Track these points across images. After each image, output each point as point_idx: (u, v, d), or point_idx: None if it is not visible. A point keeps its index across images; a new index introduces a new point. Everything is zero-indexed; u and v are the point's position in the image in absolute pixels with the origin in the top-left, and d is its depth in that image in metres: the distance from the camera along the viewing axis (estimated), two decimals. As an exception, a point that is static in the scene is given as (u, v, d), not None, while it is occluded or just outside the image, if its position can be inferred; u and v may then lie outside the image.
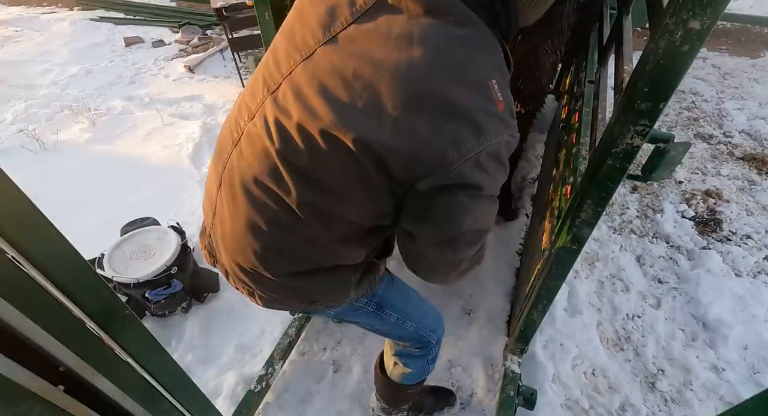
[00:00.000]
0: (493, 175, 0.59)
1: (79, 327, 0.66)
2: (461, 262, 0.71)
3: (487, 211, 0.66)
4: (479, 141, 0.54)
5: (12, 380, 0.52)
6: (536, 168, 2.26)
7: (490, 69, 0.57)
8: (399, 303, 0.95)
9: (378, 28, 0.57)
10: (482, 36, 0.58)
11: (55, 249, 0.60)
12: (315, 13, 0.63)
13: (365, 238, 0.71)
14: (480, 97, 0.55)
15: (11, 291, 0.55)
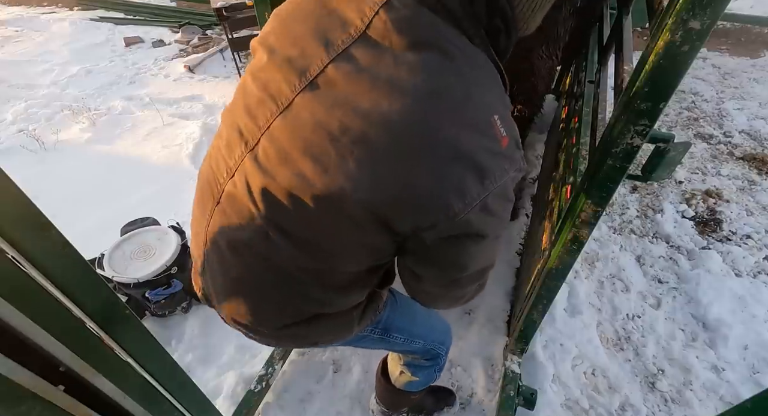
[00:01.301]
0: (500, 215, 0.56)
1: (79, 327, 0.66)
2: (465, 295, 0.70)
3: (494, 250, 0.63)
4: (484, 186, 0.50)
5: (12, 380, 0.52)
6: (536, 168, 2.26)
7: (490, 103, 0.52)
8: (405, 324, 0.92)
9: (362, 70, 0.51)
10: (478, 64, 0.54)
11: (55, 249, 0.60)
12: (291, 43, 0.57)
13: (365, 280, 0.67)
14: (482, 137, 0.50)
15: (11, 291, 0.55)
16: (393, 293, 0.92)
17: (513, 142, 0.53)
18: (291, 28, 0.59)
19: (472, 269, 0.62)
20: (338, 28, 0.54)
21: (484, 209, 0.52)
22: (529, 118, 1.61)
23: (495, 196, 0.52)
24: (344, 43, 0.53)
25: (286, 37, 0.58)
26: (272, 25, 0.62)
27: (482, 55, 0.54)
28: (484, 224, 0.54)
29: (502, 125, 0.51)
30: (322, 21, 0.56)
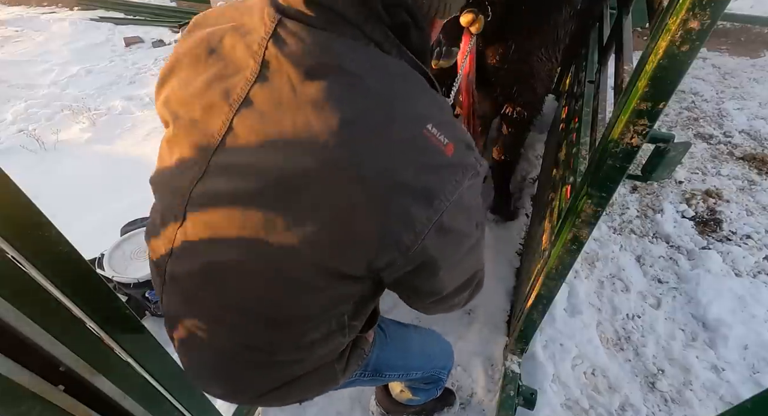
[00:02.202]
0: (464, 230, 0.51)
1: (79, 327, 0.66)
2: (460, 303, 0.66)
3: (471, 261, 0.58)
4: (434, 207, 0.45)
5: (12, 380, 0.52)
6: (536, 168, 2.26)
7: (418, 114, 0.46)
8: (398, 360, 0.88)
9: (266, 119, 0.46)
10: (392, 74, 0.47)
11: (55, 249, 0.60)
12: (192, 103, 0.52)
13: (344, 329, 0.62)
14: (419, 155, 0.45)
15: (11, 291, 0.55)
16: (382, 327, 0.86)
17: (461, 144, 0.47)
18: (189, 83, 0.53)
19: (452, 287, 0.59)
20: (234, 73, 0.49)
21: (440, 231, 0.47)
22: (528, 120, 1.61)
23: (451, 213, 0.47)
24: (243, 90, 0.48)
25: (187, 97, 0.53)
26: (171, 84, 0.56)
27: (395, 60, 0.48)
28: (446, 246, 0.50)
29: (441, 132, 0.46)
30: (218, 68, 0.51)
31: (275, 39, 0.46)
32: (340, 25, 0.46)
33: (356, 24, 0.46)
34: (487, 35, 1.21)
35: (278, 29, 0.46)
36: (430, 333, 1.02)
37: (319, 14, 0.45)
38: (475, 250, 0.56)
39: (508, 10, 1.21)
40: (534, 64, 1.38)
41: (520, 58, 1.34)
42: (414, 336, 0.94)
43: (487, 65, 1.38)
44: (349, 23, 0.46)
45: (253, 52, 0.48)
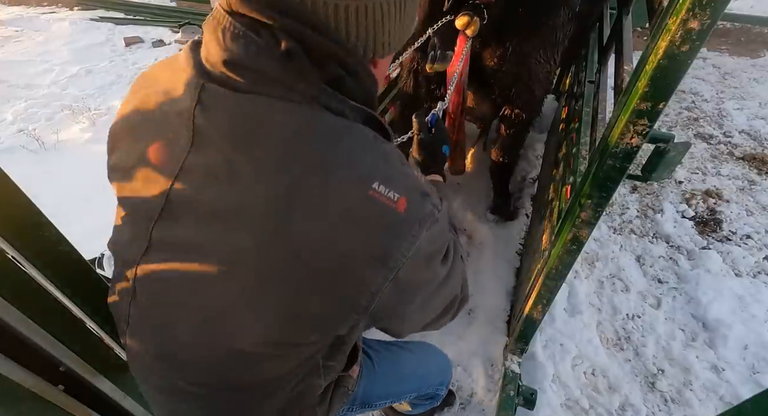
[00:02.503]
0: (425, 277, 0.49)
1: (79, 327, 0.66)
2: (445, 322, 0.63)
3: (448, 290, 0.55)
4: (389, 267, 0.43)
5: (12, 380, 0.52)
6: (536, 168, 2.26)
7: (361, 176, 0.42)
8: (390, 387, 0.85)
9: (201, 194, 0.44)
10: (329, 132, 0.43)
11: (55, 249, 0.60)
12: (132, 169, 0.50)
13: (320, 368, 0.59)
14: (367, 220, 0.42)
15: (11, 291, 0.55)
16: (369, 355, 0.83)
17: (414, 195, 0.44)
18: (129, 152, 0.51)
19: (427, 320, 0.56)
20: (170, 142, 0.47)
21: (398, 286, 0.45)
22: (527, 122, 1.61)
23: (409, 267, 0.44)
24: (179, 161, 0.45)
25: (128, 167, 0.51)
26: (116, 152, 0.54)
27: (331, 117, 0.44)
28: (407, 295, 0.48)
29: (390, 187, 0.42)
30: (154, 137, 0.49)
31: (201, 107, 0.44)
32: (267, 85, 0.42)
33: (285, 83, 0.42)
34: (485, 37, 1.21)
35: (202, 96, 0.43)
36: (425, 349, 0.99)
37: (243, 76, 0.42)
38: (447, 284, 0.54)
39: (506, 12, 1.20)
40: (532, 66, 1.38)
41: (517, 60, 1.34)
42: (406, 357, 0.91)
43: (485, 67, 1.38)
44: (276, 82, 0.42)
45: (185, 120, 0.45)
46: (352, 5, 0.43)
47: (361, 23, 0.44)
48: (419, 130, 0.86)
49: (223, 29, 0.42)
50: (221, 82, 0.43)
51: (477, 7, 1.13)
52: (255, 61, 0.42)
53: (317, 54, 0.43)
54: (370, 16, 0.44)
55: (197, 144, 0.45)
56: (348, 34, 0.44)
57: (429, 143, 0.84)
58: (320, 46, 0.42)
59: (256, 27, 0.42)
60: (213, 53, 0.44)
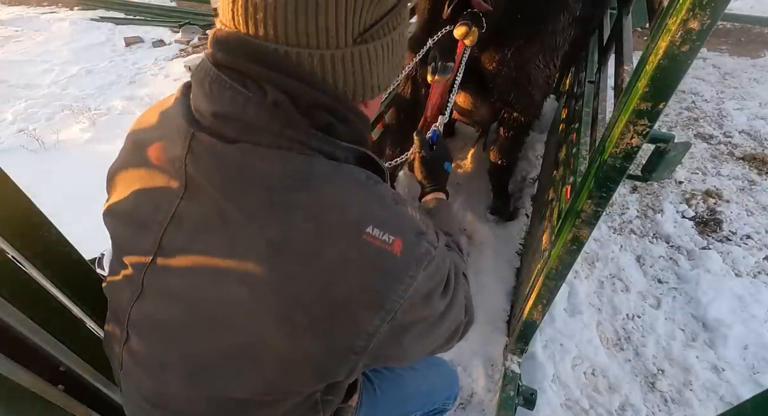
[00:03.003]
0: (424, 314, 0.47)
1: (79, 328, 0.66)
2: (453, 345, 0.61)
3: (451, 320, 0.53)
4: (386, 309, 0.42)
5: (12, 380, 0.52)
6: (536, 168, 2.26)
7: (354, 221, 0.42)
8: (392, 409, 0.83)
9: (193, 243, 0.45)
10: (320, 179, 0.43)
11: (55, 249, 0.60)
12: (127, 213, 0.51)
13: (318, 404, 0.57)
14: (361, 265, 0.41)
15: (11, 291, 0.55)
16: (370, 378, 0.81)
17: (409, 235, 0.44)
18: (125, 195, 0.52)
19: (430, 350, 0.55)
20: (163, 189, 0.47)
21: (396, 326, 0.44)
22: (526, 125, 1.61)
23: (406, 308, 0.44)
24: (171, 208, 0.46)
25: (123, 211, 0.52)
26: (113, 195, 0.55)
27: (322, 161, 0.43)
28: (406, 334, 0.47)
29: (384, 230, 0.42)
30: (148, 182, 0.49)
31: (192, 156, 0.44)
32: (256, 134, 0.42)
33: (273, 131, 0.42)
34: (484, 42, 1.20)
35: (192, 145, 0.44)
36: (427, 364, 0.96)
37: (231, 127, 0.42)
38: (448, 315, 0.52)
39: (505, 18, 1.20)
40: (531, 71, 1.38)
41: (517, 65, 1.34)
42: (408, 376, 0.88)
43: (484, 71, 1.38)
44: (265, 131, 0.42)
45: (177, 168, 0.45)
46: (338, 55, 0.42)
47: (348, 71, 0.44)
48: (421, 148, 0.85)
49: (211, 81, 0.43)
50: (210, 132, 0.43)
51: (475, 15, 1.12)
52: (243, 112, 0.42)
53: (304, 103, 0.42)
54: (357, 63, 0.44)
55: (189, 191, 0.45)
56: (335, 83, 0.44)
57: (431, 160, 0.84)
58: (307, 97, 0.42)
59: (243, 79, 0.42)
60: (202, 104, 0.44)
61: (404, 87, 1.64)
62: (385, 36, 0.45)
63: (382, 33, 0.45)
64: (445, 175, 0.85)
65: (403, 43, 0.49)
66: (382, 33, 0.45)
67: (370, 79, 0.46)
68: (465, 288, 0.61)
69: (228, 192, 0.42)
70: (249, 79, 0.41)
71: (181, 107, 0.46)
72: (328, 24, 0.40)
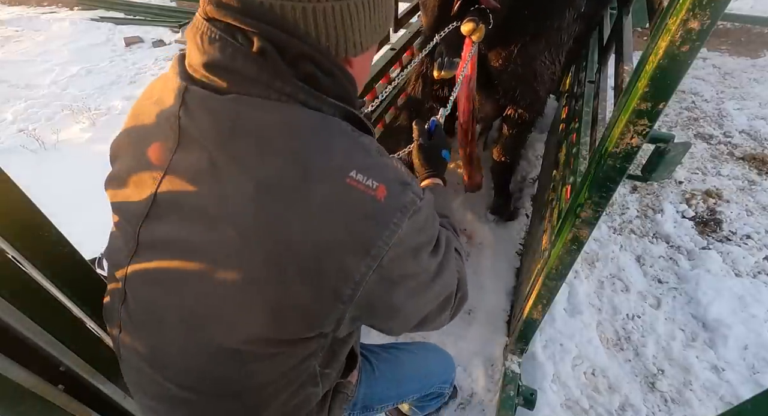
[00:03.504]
0: (412, 269, 0.48)
1: (79, 327, 0.66)
2: (445, 320, 0.62)
3: (441, 285, 0.54)
4: (372, 255, 0.43)
5: (12, 380, 0.52)
6: (536, 168, 2.26)
7: (338, 165, 0.43)
8: (391, 390, 0.85)
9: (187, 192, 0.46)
10: (306, 126, 0.45)
11: (55, 249, 0.60)
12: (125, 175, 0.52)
13: (316, 376, 0.57)
14: (345, 208, 0.42)
15: (11, 291, 0.55)
16: (369, 359, 0.83)
17: (394, 184, 0.45)
18: (124, 161, 0.54)
19: (420, 317, 0.55)
20: (159, 146, 0.49)
21: (383, 276, 0.45)
22: (530, 122, 1.61)
23: (392, 256, 0.45)
24: (165, 161, 0.47)
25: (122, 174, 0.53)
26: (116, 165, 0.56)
27: (308, 112, 0.46)
28: (394, 288, 0.47)
29: (368, 175, 0.43)
30: (145, 144, 0.51)
31: (185, 109, 0.46)
32: (246, 84, 0.44)
33: (263, 82, 0.44)
34: (491, 38, 1.21)
35: (186, 98, 0.46)
36: (425, 349, 0.98)
37: (222, 78, 0.44)
38: (439, 278, 0.53)
39: (511, 15, 1.20)
40: (537, 68, 1.38)
41: (523, 62, 1.34)
42: (406, 358, 0.90)
43: (490, 67, 1.38)
44: (254, 81, 0.44)
45: (171, 123, 0.47)
46: (319, 7, 0.44)
47: (330, 24, 0.45)
48: (419, 136, 0.88)
49: (201, 34, 0.44)
50: (203, 85, 0.45)
51: (482, 12, 1.13)
52: (232, 62, 0.43)
53: (290, 53, 0.44)
54: (338, 18, 0.45)
55: (182, 144, 0.47)
56: (318, 36, 0.45)
57: (428, 148, 0.87)
58: (292, 46, 0.44)
59: (231, 31, 0.44)
60: (194, 58, 0.46)
61: (414, 85, 1.64)
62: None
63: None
64: (443, 163, 0.87)
65: (386, 4, 0.51)
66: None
67: (351, 34, 0.48)
68: (458, 263, 0.62)
69: (219, 141, 0.44)
70: (237, 30, 0.43)
71: (177, 68, 0.48)
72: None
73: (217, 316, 0.47)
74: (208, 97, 0.45)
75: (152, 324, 0.52)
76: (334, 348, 0.58)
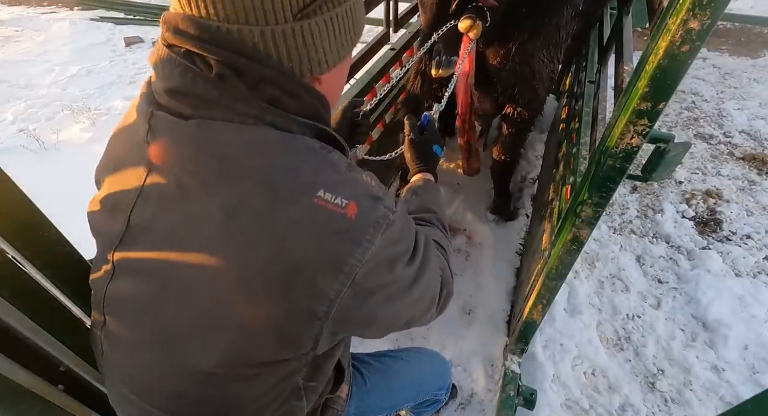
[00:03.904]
0: (388, 280, 0.47)
1: (79, 328, 0.66)
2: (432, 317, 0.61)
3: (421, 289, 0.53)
4: (345, 273, 0.43)
5: (12, 380, 0.52)
6: (536, 168, 2.26)
7: (304, 183, 0.43)
8: (384, 400, 0.84)
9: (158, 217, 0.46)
10: (270, 147, 0.44)
11: (55, 249, 0.60)
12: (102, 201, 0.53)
13: (300, 390, 0.56)
14: (315, 227, 0.42)
15: (11, 291, 0.55)
16: (360, 370, 0.82)
17: (365, 199, 0.44)
18: (103, 186, 0.55)
19: (404, 321, 0.54)
20: (131, 171, 0.49)
21: (358, 291, 0.45)
22: (529, 121, 1.61)
23: (366, 272, 0.44)
24: (137, 186, 0.47)
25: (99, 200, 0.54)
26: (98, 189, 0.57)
27: (272, 131, 0.45)
28: (369, 300, 0.47)
29: (336, 194, 0.43)
30: (119, 168, 0.51)
31: (152, 133, 0.46)
32: (210, 109, 0.44)
33: (224, 105, 0.43)
34: (489, 36, 1.21)
35: (152, 123, 0.46)
36: (419, 356, 0.97)
37: (184, 103, 0.44)
38: (417, 284, 0.52)
39: (509, 12, 1.20)
40: (536, 66, 1.38)
41: (521, 59, 1.34)
42: (399, 366, 0.89)
43: (489, 65, 1.38)
44: (216, 105, 0.43)
45: (142, 149, 0.47)
46: (278, 30, 0.43)
47: (291, 46, 0.44)
48: (410, 131, 0.88)
49: (162, 60, 0.45)
50: (168, 110, 0.45)
51: (480, 9, 1.13)
52: (192, 87, 0.43)
53: (250, 77, 0.43)
54: (299, 39, 0.44)
55: (153, 169, 0.46)
56: (280, 58, 0.45)
57: (420, 143, 0.86)
58: (252, 70, 0.43)
59: (191, 56, 0.43)
60: (157, 83, 0.46)
61: (413, 83, 1.64)
62: (328, 11, 0.46)
63: (324, 9, 0.45)
64: (435, 158, 0.87)
65: (354, 18, 0.49)
66: (324, 9, 0.45)
67: (315, 53, 0.47)
68: (441, 261, 0.62)
69: (185, 164, 0.44)
70: (196, 55, 0.43)
71: (144, 93, 0.49)
72: (264, 1, 0.41)
73: (190, 339, 0.46)
74: (173, 121, 0.45)
75: (129, 348, 0.52)
76: (317, 361, 0.57)
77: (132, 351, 0.51)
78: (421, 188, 0.80)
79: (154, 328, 0.48)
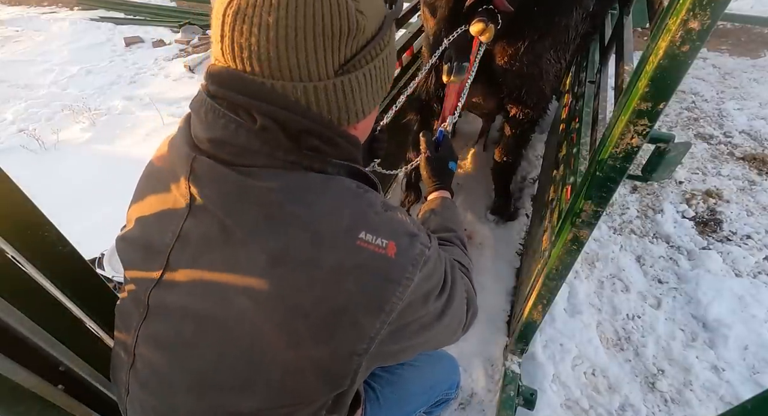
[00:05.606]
0: (423, 313, 0.49)
1: (79, 327, 0.66)
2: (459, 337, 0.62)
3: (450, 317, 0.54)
4: (386, 311, 0.44)
5: (12, 380, 0.52)
6: (536, 168, 2.26)
7: (347, 228, 0.44)
8: (397, 412, 0.84)
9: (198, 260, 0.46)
10: (311, 191, 0.45)
11: (55, 249, 0.60)
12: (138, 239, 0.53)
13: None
14: (358, 270, 0.43)
15: (11, 291, 0.55)
16: (371, 386, 0.82)
17: (403, 239, 0.46)
18: (137, 223, 0.55)
19: (428, 347, 0.55)
20: (171, 212, 0.49)
21: (397, 327, 0.46)
22: (534, 122, 1.60)
23: (405, 308, 0.45)
24: (177, 228, 0.48)
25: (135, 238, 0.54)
26: (128, 225, 0.58)
27: (313, 176, 0.46)
28: (406, 333, 0.48)
29: (377, 235, 0.44)
30: (158, 207, 0.52)
31: (194, 178, 0.47)
32: (251, 157, 0.45)
33: (264, 153, 0.45)
34: (497, 36, 1.20)
35: (194, 166, 0.47)
36: (429, 359, 0.97)
37: (227, 151, 0.45)
38: (445, 314, 0.53)
39: (520, 12, 1.20)
40: (543, 66, 1.37)
41: (530, 60, 1.33)
42: (411, 375, 0.90)
43: (495, 66, 1.37)
44: (258, 153, 0.45)
45: (181, 190, 0.48)
46: (320, 86, 0.45)
47: (331, 100, 0.46)
48: (426, 148, 0.89)
49: (206, 110, 0.46)
50: (208, 154, 0.46)
51: (491, 12, 1.12)
52: (235, 137, 0.44)
53: (292, 129, 0.45)
54: (339, 93, 0.46)
55: (193, 211, 0.47)
56: (320, 111, 0.46)
57: (436, 161, 0.88)
58: (294, 122, 0.45)
59: (234, 108, 0.45)
60: (199, 131, 0.47)
61: (423, 87, 1.64)
62: (366, 65, 0.47)
63: (363, 62, 0.47)
64: (450, 174, 0.89)
65: (388, 66, 0.51)
66: (363, 62, 0.47)
67: (353, 105, 0.48)
68: (466, 283, 0.63)
69: (228, 209, 0.45)
70: (240, 108, 0.44)
71: (184, 134, 0.50)
72: (308, 60, 0.43)
73: (230, 382, 0.47)
74: (215, 167, 0.45)
75: (161, 389, 0.51)
76: (340, 394, 0.57)
77: (165, 393, 0.51)
78: (440, 206, 0.81)
79: (191, 371, 0.48)
